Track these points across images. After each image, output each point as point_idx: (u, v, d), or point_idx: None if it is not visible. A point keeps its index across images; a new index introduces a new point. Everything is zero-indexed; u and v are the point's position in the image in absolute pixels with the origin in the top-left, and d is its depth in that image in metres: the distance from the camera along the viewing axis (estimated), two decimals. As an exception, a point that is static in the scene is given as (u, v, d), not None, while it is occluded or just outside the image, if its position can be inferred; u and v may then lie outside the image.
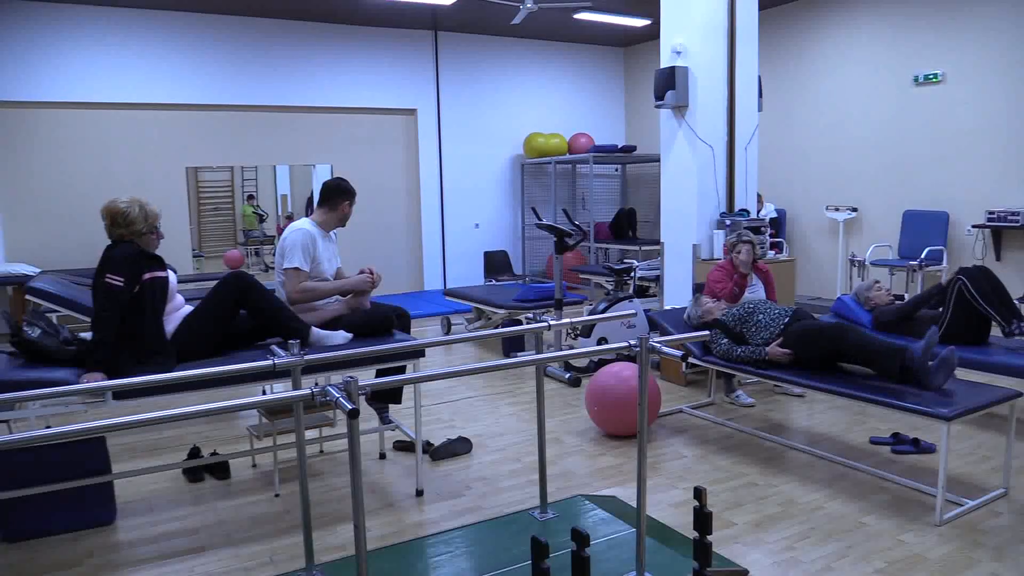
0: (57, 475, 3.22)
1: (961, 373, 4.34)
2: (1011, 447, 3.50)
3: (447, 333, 7.61)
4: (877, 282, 4.87)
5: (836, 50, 8.48)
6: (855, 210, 8.29)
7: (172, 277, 3.43)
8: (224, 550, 3.13)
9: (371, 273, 3.89)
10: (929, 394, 3.43)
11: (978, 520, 3.26)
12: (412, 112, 10.07)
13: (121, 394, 2.99)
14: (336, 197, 3.94)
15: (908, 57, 7.77)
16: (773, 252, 6.21)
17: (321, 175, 9.85)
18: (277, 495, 3.68)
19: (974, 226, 7.17)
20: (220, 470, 3.93)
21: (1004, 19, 6.96)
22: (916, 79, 7.70)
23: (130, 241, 3.26)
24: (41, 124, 8.06)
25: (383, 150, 10.04)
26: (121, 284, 3.06)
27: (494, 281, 9.53)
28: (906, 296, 6.81)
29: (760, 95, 6.17)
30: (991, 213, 6.90)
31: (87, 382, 2.91)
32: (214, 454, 4.02)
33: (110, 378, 3.02)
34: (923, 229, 7.57)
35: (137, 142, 8.53)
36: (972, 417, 3.39)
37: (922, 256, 7.19)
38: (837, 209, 8.39)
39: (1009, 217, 6.76)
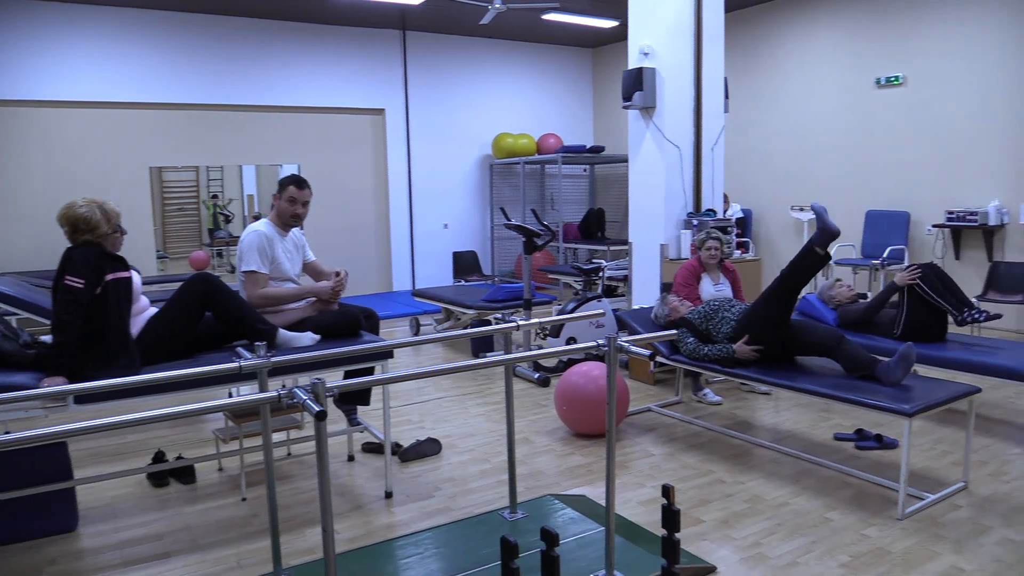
0: (17, 482, 3.15)
1: (922, 370, 4.43)
2: (970, 442, 3.58)
3: (416, 334, 7.59)
4: (838, 280, 4.96)
5: (800, 53, 8.60)
6: (819, 210, 8.39)
7: (136, 278, 3.38)
8: (190, 555, 3.09)
9: (338, 277, 3.84)
10: (891, 391, 3.50)
11: (939, 514, 3.32)
12: (380, 112, 10.02)
13: (83, 398, 2.94)
14: (274, 193, 3.88)
15: (870, 60, 7.91)
16: (739, 251, 6.28)
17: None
18: (244, 499, 3.64)
19: (934, 226, 7.32)
20: (185, 474, 3.88)
21: (962, 24, 7.12)
22: (878, 81, 7.84)
23: (93, 243, 3.20)
24: (-1, 123, 7.89)
25: (351, 150, 9.98)
26: (81, 286, 3.00)
27: (463, 281, 9.53)
28: (869, 294, 6.93)
29: (726, 96, 6.24)
30: (950, 213, 7.05)
31: (48, 386, 2.85)
32: (179, 458, 3.97)
33: (72, 382, 2.96)
34: (885, 229, 7.71)
35: (99, 141, 8.39)
36: (933, 413, 3.46)
37: (884, 255, 7.32)
38: (802, 209, 8.51)
39: (968, 217, 6.91)
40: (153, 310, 3.43)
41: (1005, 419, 4.62)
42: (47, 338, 3.18)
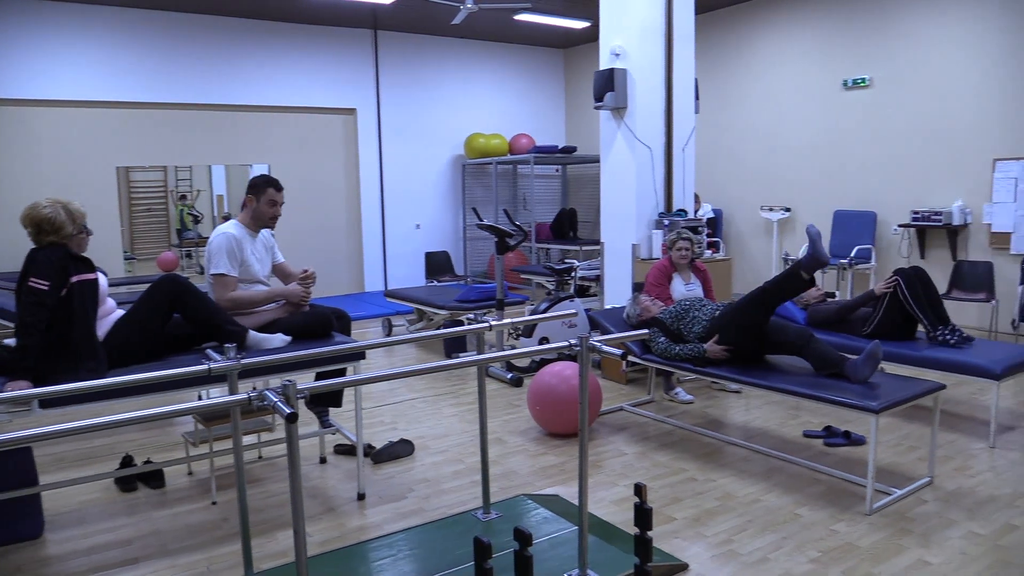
0: (-20, 488, 3.09)
1: (888, 367, 4.50)
2: (935, 437, 3.64)
3: (388, 335, 7.56)
4: None
5: (769, 54, 8.70)
6: (788, 210, 8.51)
7: (102, 280, 3.32)
8: (159, 561, 3.05)
9: (306, 278, 3.81)
10: (858, 388, 3.55)
11: (906, 508, 3.38)
12: (352, 112, 9.96)
13: (48, 402, 2.89)
14: (247, 194, 3.84)
15: (837, 62, 8.02)
16: (710, 251, 6.33)
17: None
18: (214, 503, 3.60)
19: (900, 225, 7.44)
20: (154, 479, 3.83)
21: (927, 28, 7.24)
22: (845, 83, 7.95)
23: (58, 244, 3.14)
24: (-40, 122, 7.73)
25: (322, 150, 9.91)
26: (46, 288, 2.95)
27: (435, 282, 9.51)
28: (837, 294, 7.02)
29: (697, 98, 6.29)
30: (916, 213, 7.17)
31: (12, 390, 2.80)
32: (148, 462, 3.91)
33: (36, 386, 2.91)
34: (852, 229, 7.83)
35: (65, 141, 8.24)
36: (899, 409, 3.52)
37: (852, 255, 7.42)
38: (771, 209, 8.61)
39: (932, 217, 7.03)
40: (120, 312, 3.38)
41: (969, 415, 4.71)
42: (11, 341, 3.12)
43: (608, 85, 5.92)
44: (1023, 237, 6.67)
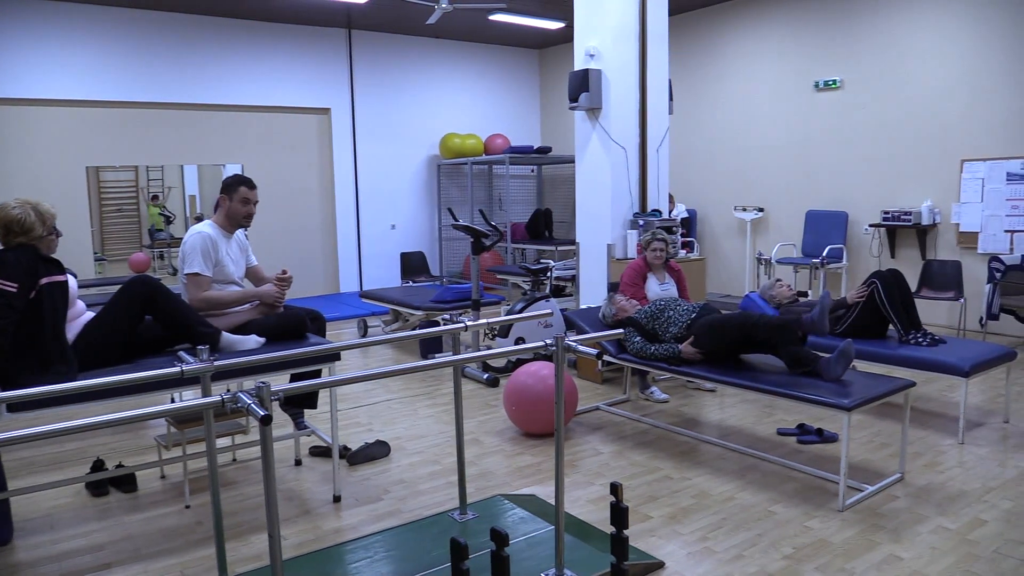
0: (-54, 494, 3.03)
1: (861, 365, 4.56)
2: (906, 434, 3.70)
3: (363, 335, 7.52)
4: (779, 280, 5.07)
5: (741, 56, 8.77)
6: (761, 210, 8.59)
7: (72, 282, 3.28)
8: (132, 566, 3.01)
9: (283, 279, 3.78)
10: (831, 386, 3.59)
11: (877, 504, 3.43)
12: (326, 111, 9.90)
13: (17, 406, 2.84)
14: (221, 194, 3.81)
15: (808, 63, 8.12)
16: (684, 251, 6.37)
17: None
18: (188, 506, 3.56)
19: (871, 225, 7.54)
20: (126, 483, 3.78)
21: (896, 30, 7.35)
22: (816, 85, 8.04)
23: (27, 245, 3.09)
24: (-76, 121, 7.58)
25: (296, 150, 9.84)
26: (14, 290, 2.90)
27: (411, 282, 9.48)
28: (809, 293, 7.10)
29: (671, 98, 6.32)
30: (886, 213, 7.27)
31: (-21, 394, 2.75)
32: (119, 466, 3.86)
33: (4, 389, 2.86)
34: (824, 228, 7.92)
35: (33, 140, 8.11)
36: (871, 407, 3.57)
37: (823, 254, 7.51)
38: (745, 209, 8.68)
39: (902, 216, 7.13)
40: (90, 314, 3.33)
41: (939, 411, 4.79)
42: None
43: (583, 86, 5.94)
44: (990, 236, 6.79)
